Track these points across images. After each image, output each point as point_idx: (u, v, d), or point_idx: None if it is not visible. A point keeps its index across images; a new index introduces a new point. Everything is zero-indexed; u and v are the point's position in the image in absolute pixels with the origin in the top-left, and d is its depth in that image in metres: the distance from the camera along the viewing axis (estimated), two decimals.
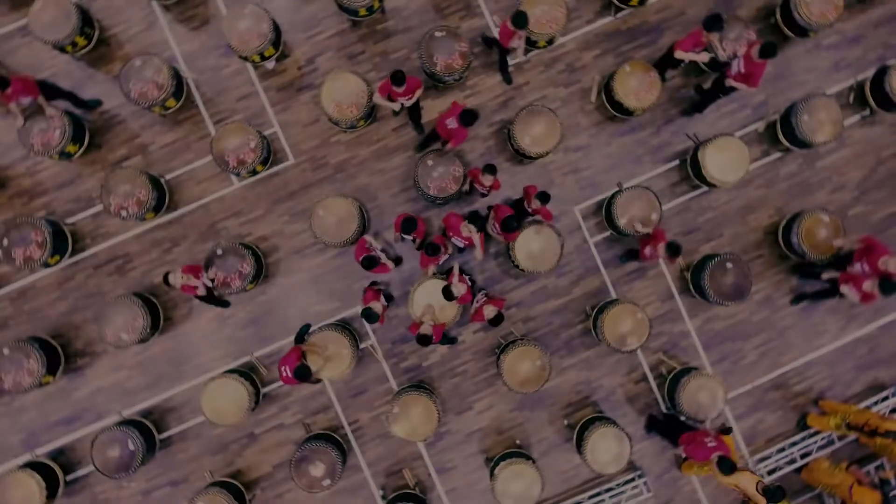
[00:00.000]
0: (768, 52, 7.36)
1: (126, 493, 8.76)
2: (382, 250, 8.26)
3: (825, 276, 8.27)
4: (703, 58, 7.84)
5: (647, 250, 7.96)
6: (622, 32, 9.01)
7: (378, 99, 7.70)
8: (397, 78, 7.29)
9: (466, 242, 7.94)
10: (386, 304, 8.26)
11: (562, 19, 8.27)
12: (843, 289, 7.87)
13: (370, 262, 7.82)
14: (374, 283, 8.54)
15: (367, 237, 8.15)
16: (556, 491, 8.80)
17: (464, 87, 8.95)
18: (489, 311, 7.49)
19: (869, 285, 7.52)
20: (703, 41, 7.74)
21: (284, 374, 7.53)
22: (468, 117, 7.38)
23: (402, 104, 7.81)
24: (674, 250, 7.44)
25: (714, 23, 7.46)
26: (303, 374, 7.37)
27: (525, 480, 7.94)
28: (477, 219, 7.74)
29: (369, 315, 7.57)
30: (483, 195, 8.24)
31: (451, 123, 7.66)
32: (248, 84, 8.96)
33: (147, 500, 8.76)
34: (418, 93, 7.77)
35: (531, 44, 8.63)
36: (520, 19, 7.54)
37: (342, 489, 8.77)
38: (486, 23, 8.99)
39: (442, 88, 8.89)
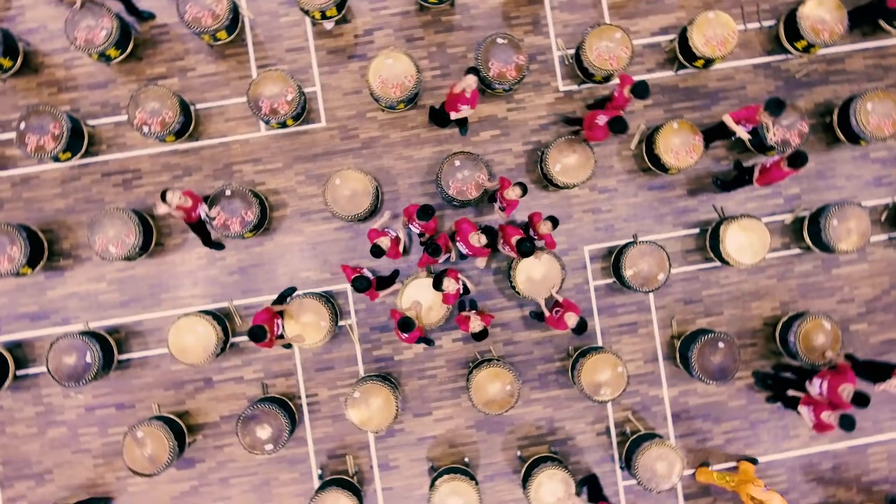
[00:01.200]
0: (796, 162, 7.30)
1: (70, 403, 8.65)
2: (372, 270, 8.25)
3: (790, 392, 8.16)
4: (743, 134, 7.77)
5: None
6: (678, 90, 8.93)
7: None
8: (426, 212, 7.32)
9: (470, 252, 7.85)
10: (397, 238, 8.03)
11: (624, 60, 8.20)
12: (802, 409, 7.85)
13: (361, 284, 7.51)
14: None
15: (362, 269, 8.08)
16: None
17: (511, 98, 8.88)
18: (475, 325, 7.38)
19: (827, 415, 7.47)
20: (757, 119, 7.66)
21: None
22: (618, 124, 7.36)
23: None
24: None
25: (776, 107, 7.36)
26: (258, 336, 7.23)
27: (463, 499, 7.83)
28: (490, 233, 7.65)
29: (378, 251, 7.40)
30: (501, 208, 8.14)
31: (601, 120, 7.63)
32: (301, 38, 8.89)
33: (89, 415, 8.66)
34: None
35: (587, 76, 8.57)
36: (641, 89, 7.37)
37: (282, 458, 8.66)
38: (549, 43, 8.91)
39: (488, 94, 8.81)
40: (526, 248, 7.34)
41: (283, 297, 7.84)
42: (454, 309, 8.31)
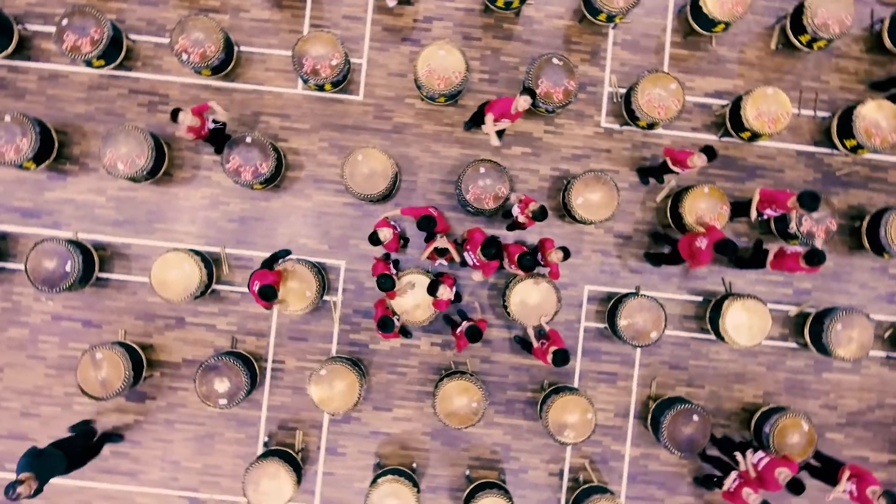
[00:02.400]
0: (813, 260, 7.16)
1: (38, 307, 8.50)
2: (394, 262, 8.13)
3: (738, 457, 7.85)
4: (753, 213, 7.78)
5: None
6: (720, 156, 8.79)
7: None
8: (428, 222, 7.22)
9: (477, 265, 7.68)
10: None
11: (672, 112, 8.07)
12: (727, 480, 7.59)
13: (386, 283, 7.34)
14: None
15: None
16: None
17: (551, 121, 8.74)
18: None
19: (748, 494, 7.18)
20: (787, 206, 7.52)
21: (254, 287, 7.32)
22: (726, 247, 7.22)
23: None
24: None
25: (810, 201, 7.21)
26: (267, 295, 7.16)
27: (404, 500, 7.66)
28: (497, 246, 7.50)
29: (375, 239, 7.31)
30: (514, 224, 8.00)
31: (702, 243, 7.54)
32: (361, 8, 8.76)
33: (54, 323, 8.51)
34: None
35: (632, 119, 8.44)
36: (710, 151, 7.43)
37: (232, 416, 8.50)
38: (602, 76, 8.78)
39: (529, 111, 8.66)
40: (527, 262, 7.20)
41: (276, 257, 7.67)
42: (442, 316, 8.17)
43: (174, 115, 7.31)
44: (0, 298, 8.50)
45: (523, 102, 7.27)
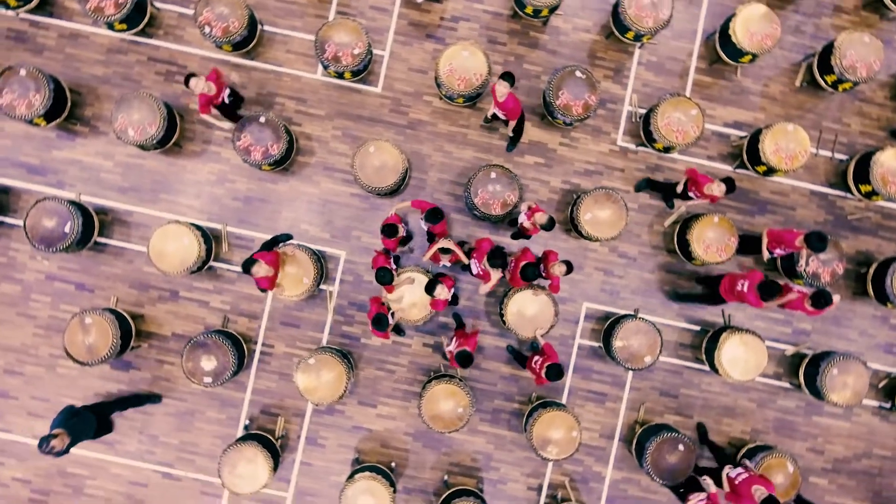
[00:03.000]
0: (819, 303, 7.06)
1: (33, 266, 8.43)
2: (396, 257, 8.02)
3: (705, 481, 7.69)
4: (765, 254, 7.73)
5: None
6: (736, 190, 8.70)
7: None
8: (435, 214, 7.18)
9: (480, 274, 7.59)
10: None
11: (690, 138, 7.99)
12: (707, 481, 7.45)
13: (385, 277, 7.22)
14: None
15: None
16: None
17: (567, 133, 8.67)
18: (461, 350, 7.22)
19: None
20: (795, 245, 7.45)
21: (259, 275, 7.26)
22: (769, 289, 7.18)
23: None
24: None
25: (818, 242, 7.14)
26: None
27: (376, 501, 7.57)
28: (502, 256, 7.42)
29: (393, 230, 7.33)
30: (518, 233, 7.93)
31: (743, 286, 7.52)
32: (389, 0, 8.69)
33: (47, 283, 8.43)
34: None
35: (649, 140, 8.37)
36: (731, 184, 7.43)
37: (215, 395, 8.42)
38: (624, 95, 8.71)
39: (547, 122, 8.61)
40: (529, 273, 7.11)
41: (277, 240, 7.60)
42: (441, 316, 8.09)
43: (187, 80, 7.28)
44: None
45: (500, 87, 7.19)
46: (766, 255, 7.80)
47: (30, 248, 8.35)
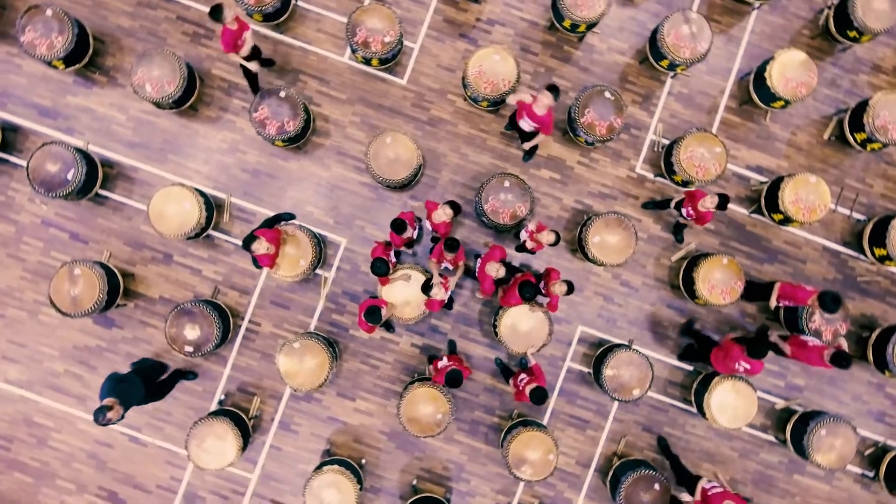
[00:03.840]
0: (840, 363, 6.88)
1: (30, 208, 8.29)
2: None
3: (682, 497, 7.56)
4: (773, 302, 7.56)
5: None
6: (743, 230, 8.58)
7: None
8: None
9: (479, 278, 7.42)
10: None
11: (710, 175, 7.86)
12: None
13: (380, 268, 7.11)
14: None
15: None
16: None
17: (586, 153, 8.53)
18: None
19: None
20: (806, 303, 7.30)
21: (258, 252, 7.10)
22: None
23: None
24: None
25: (832, 303, 6.99)
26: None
27: (340, 497, 7.42)
28: (510, 270, 7.28)
29: (402, 226, 7.15)
30: (523, 246, 7.79)
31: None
32: None
33: (41, 228, 8.29)
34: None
35: (668, 171, 8.23)
36: (724, 200, 7.21)
37: (194, 365, 8.27)
38: (649, 122, 8.57)
39: (568, 139, 8.47)
40: (527, 294, 6.96)
41: (279, 218, 7.47)
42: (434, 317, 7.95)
43: (215, 12, 6.82)
44: None
45: (544, 99, 7.02)
46: (773, 303, 7.63)
47: (29, 191, 8.21)
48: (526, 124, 7.51)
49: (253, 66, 7.62)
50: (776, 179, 8.16)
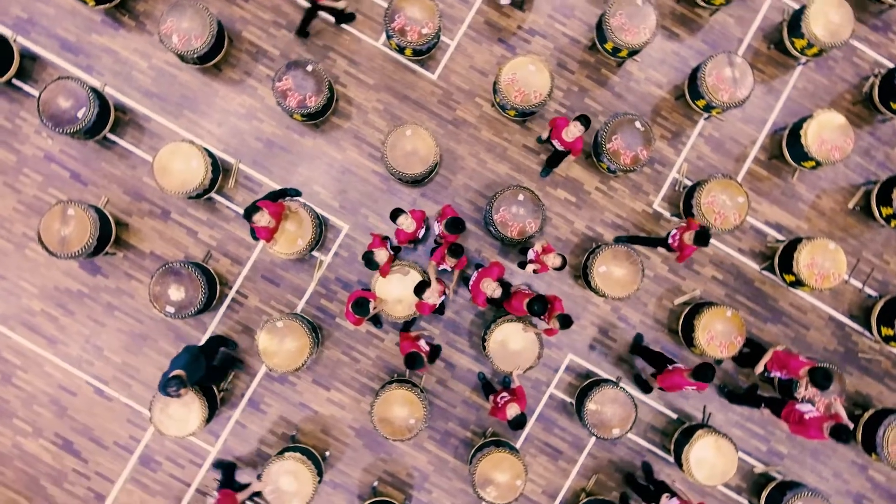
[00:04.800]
0: (840, 437, 6.65)
1: (35, 140, 8.10)
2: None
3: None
4: (759, 367, 7.31)
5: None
6: (751, 285, 8.36)
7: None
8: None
9: (472, 291, 7.20)
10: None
11: (728, 224, 7.64)
12: None
13: (369, 262, 6.98)
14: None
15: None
16: None
17: (606, 180, 8.32)
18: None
19: None
20: (797, 375, 7.07)
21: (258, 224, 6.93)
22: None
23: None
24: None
25: (822, 379, 6.74)
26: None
27: (297, 485, 7.20)
28: (506, 290, 7.06)
29: (396, 215, 6.94)
30: (526, 262, 7.58)
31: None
32: None
33: (43, 162, 8.10)
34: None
35: (686, 212, 8.02)
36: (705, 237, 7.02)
37: (173, 328, 8.07)
38: (675, 161, 8.36)
39: (590, 162, 8.27)
40: (536, 308, 6.71)
41: (285, 193, 7.27)
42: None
43: None
44: (4, 117, 8.09)
45: (574, 129, 6.97)
46: (759, 368, 7.40)
47: (38, 123, 8.03)
48: (558, 145, 7.42)
49: (341, 3, 7.64)
50: (794, 240, 7.95)
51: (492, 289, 6.77)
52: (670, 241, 7.50)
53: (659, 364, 7.62)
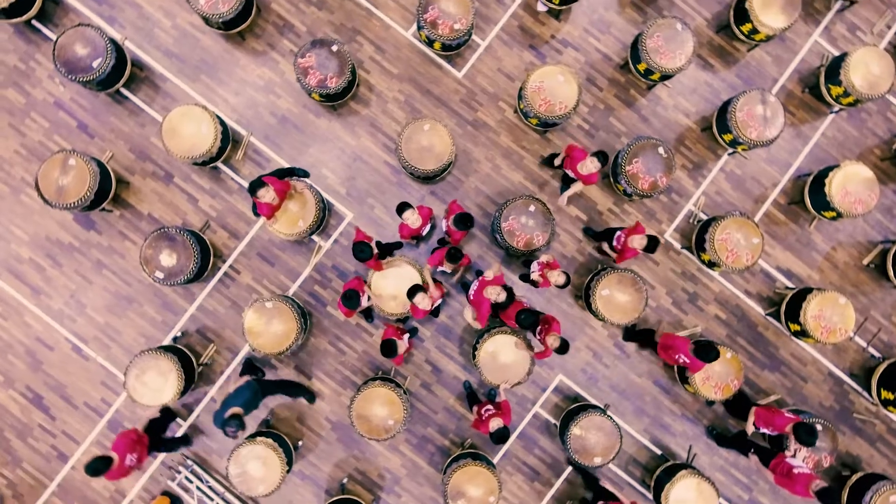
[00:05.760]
0: (826, 499, 6.41)
1: (47, 85, 7.93)
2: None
3: None
4: (750, 427, 7.08)
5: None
6: (754, 330, 8.15)
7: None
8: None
9: (473, 299, 7.00)
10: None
11: (739, 264, 7.43)
12: None
13: (363, 253, 6.65)
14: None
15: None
16: None
17: (621, 203, 8.12)
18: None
19: None
20: (784, 430, 6.86)
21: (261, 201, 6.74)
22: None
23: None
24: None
25: (806, 435, 6.52)
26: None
27: (264, 471, 7.00)
28: (510, 295, 6.86)
29: (402, 209, 6.76)
30: (528, 276, 7.38)
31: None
32: None
33: (52, 109, 7.92)
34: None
35: (698, 247, 7.82)
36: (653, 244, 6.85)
37: (161, 294, 7.87)
38: (693, 193, 8.16)
39: (607, 182, 8.07)
40: (524, 321, 6.51)
41: (293, 172, 7.08)
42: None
43: None
44: (18, 58, 7.91)
45: (590, 164, 6.79)
46: (750, 428, 7.16)
47: (52, 67, 7.85)
48: (571, 173, 7.26)
49: None
50: (804, 289, 7.74)
51: (496, 293, 6.56)
52: (615, 241, 7.31)
53: (652, 343, 7.54)
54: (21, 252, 7.88)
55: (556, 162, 7.57)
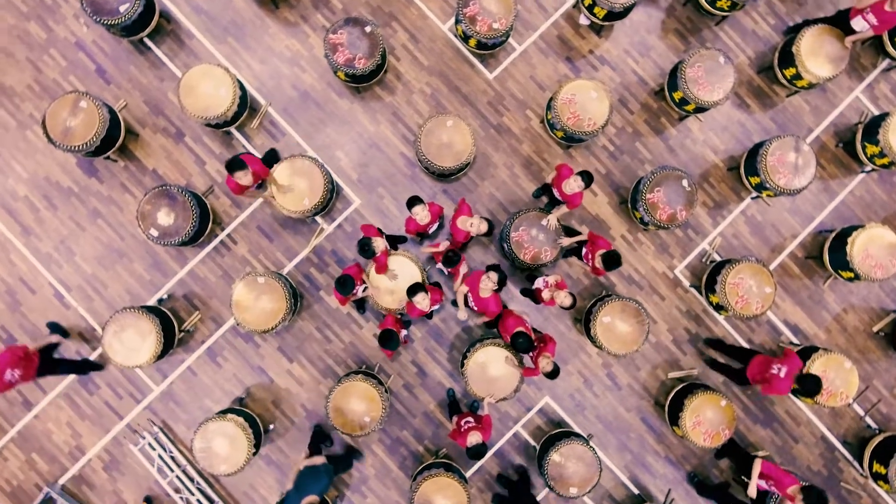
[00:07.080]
0: (811, 500, 6.16)
1: (70, 24, 7.77)
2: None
3: None
4: (752, 491, 6.69)
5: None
6: (592, 184, 7.86)
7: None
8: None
9: (472, 298, 6.78)
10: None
11: (749, 311, 7.15)
12: None
13: (364, 249, 6.46)
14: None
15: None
16: (230, 489, 7.59)
17: (635, 231, 7.89)
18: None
19: None
20: (787, 493, 6.56)
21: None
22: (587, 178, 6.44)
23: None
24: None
25: (817, 501, 6.23)
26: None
27: (230, 449, 6.78)
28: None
29: (413, 203, 6.55)
30: (529, 291, 7.15)
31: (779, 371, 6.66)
32: (554, 3, 7.98)
33: (73, 48, 7.74)
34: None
35: (708, 288, 7.58)
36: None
37: (152, 252, 7.66)
38: (708, 233, 7.93)
39: (624, 208, 7.84)
40: (521, 345, 6.27)
41: (274, 159, 6.87)
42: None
43: None
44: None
45: (574, 184, 6.52)
46: (752, 492, 6.68)
47: (78, 6, 7.66)
48: (556, 193, 7.03)
49: None
50: (809, 347, 7.50)
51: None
52: (583, 256, 7.10)
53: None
54: (18, 189, 7.66)
55: (548, 179, 7.28)
